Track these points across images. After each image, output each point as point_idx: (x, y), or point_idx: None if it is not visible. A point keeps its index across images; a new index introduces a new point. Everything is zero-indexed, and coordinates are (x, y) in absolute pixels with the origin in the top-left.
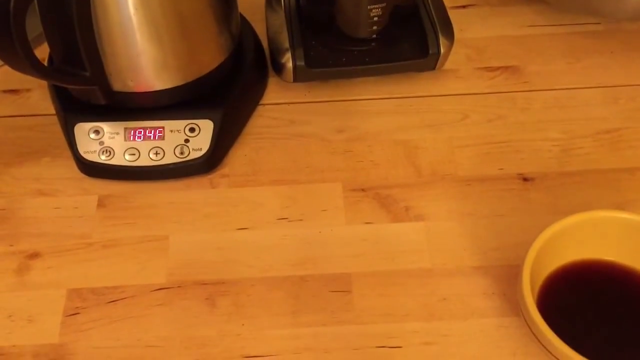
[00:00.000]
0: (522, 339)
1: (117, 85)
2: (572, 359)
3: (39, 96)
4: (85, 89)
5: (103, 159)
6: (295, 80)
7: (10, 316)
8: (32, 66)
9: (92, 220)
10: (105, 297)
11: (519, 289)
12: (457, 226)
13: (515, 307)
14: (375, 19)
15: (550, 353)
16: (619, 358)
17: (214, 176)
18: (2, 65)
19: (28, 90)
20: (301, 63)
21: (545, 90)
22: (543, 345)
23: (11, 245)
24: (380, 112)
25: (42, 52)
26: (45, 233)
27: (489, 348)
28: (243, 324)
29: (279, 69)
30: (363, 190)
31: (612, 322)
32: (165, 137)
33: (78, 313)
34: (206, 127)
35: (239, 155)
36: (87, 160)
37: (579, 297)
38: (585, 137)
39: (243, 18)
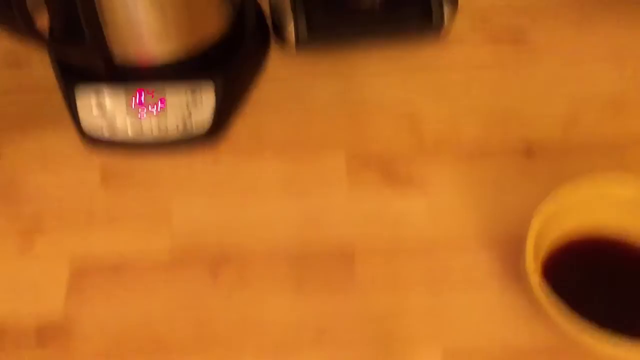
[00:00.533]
0: (526, 308)
1: (119, 55)
2: (576, 328)
3: (40, 67)
4: (87, 59)
5: (106, 132)
6: (298, 49)
7: (14, 288)
8: (32, 36)
9: (95, 192)
10: (109, 269)
11: (523, 259)
12: (460, 196)
13: (518, 277)
14: None
15: (554, 323)
16: (624, 326)
17: (217, 147)
18: (3, 36)
19: (29, 62)
20: (303, 32)
21: (551, 58)
22: (546, 315)
23: (14, 216)
24: (384, 82)
25: (43, 22)
26: (48, 205)
27: (492, 318)
28: (246, 295)
29: (281, 38)
30: (366, 160)
31: (617, 291)
32: (167, 108)
33: (82, 285)
34: (208, 98)
35: (242, 126)
36: (89, 132)
37: (583, 267)
38: (591, 106)
39: None
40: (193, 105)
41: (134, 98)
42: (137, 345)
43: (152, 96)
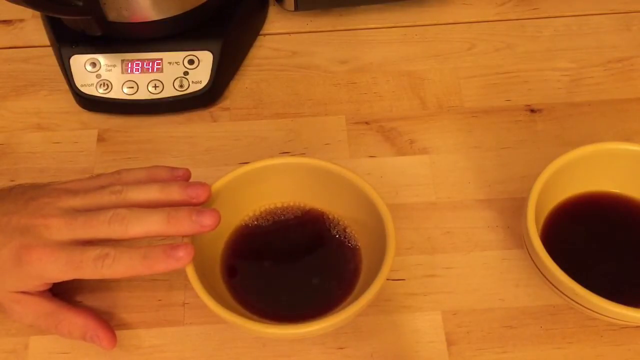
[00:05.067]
0: (525, 271)
1: (112, 15)
2: (575, 291)
3: (32, 27)
4: (79, 19)
5: (101, 92)
6: (297, 8)
7: None
8: None
9: (92, 154)
10: None
11: (524, 221)
12: (462, 159)
13: (519, 239)
14: None
15: (553, 285)
16: (622, 291)
17: (215, 109)
18: None
19: (21, 20)
20: None
21: (555, 17)
22: (546, 278)
23: (12, 180)
24: (385, 42)
25: None
26: (45, 168)
27: (492, 280)
28: None
29: None
30: (367, 123)
31: (617, 255)
32: (164, 70)
33: None
34: (205, 59)
35: (240, 88)
36: (84, 93)
37: (584, 230)
38: (595, 66)
39: None
40: (190, 65)
41: (130, 63)
42: (139, 303)
43: (148, 54)
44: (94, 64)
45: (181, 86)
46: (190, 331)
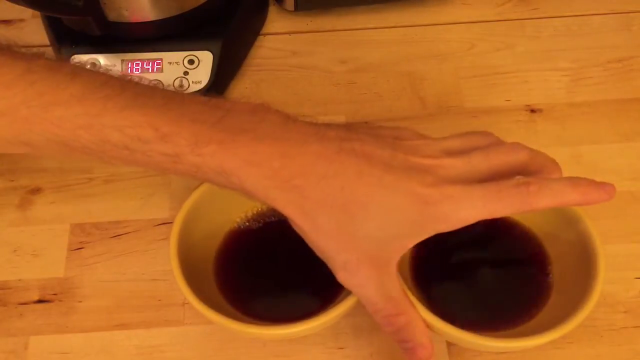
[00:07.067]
0: None
1: (112, 15)
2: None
3: (33, 27)
4: (79, 19)
5: None
6: (297, 8)
7: (15, 251)
8: None
9: None
10: (109, 232)
11: None
12: None
13: None
14: None
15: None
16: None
17: None
18: None
19: (21, 20)
20: None
21: (555, 17)
22: None
23: (12, 181)
24: (385, 42)
25: None
26: (45, 168)
27: None
28: None
29: None
30: (367, 123)
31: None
32: (164, 70)
33: (82, 247)
34: (205, 59)
35: (240, 88)
36: None
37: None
38: (595, 66)
39: None
40: (190, 65)
41: (130, 63)
42: (139, 303)
43: (148, 54)
44: (94, 64)
45: (181, 86)
46: (190, 331)
